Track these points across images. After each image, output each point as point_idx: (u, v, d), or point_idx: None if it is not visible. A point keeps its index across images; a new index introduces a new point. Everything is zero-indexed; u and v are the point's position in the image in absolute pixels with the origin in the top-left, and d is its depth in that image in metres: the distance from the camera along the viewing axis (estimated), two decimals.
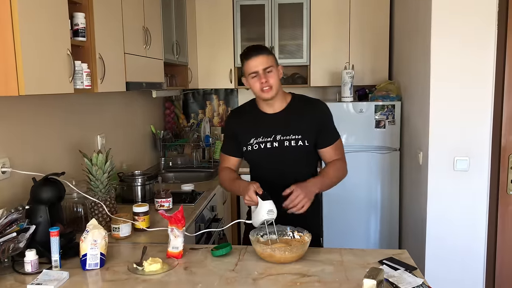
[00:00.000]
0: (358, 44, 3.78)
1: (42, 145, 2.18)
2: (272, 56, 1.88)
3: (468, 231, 2.73)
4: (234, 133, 1.99)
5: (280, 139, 1.88)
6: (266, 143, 1.89)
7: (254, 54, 1.83)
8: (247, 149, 1.93)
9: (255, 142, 1.91)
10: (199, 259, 1.69)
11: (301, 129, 1.88)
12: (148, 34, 2.68)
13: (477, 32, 2.57)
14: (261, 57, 1.83)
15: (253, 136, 1.92)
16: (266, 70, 1.83)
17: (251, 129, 1.94)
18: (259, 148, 1.90)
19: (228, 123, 2.06)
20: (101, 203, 1.99)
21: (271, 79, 1.83)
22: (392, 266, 1.58)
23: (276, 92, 1.86)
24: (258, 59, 1.82)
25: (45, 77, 1.63)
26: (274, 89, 1.84)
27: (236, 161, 2.02)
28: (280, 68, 1.90)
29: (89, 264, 1.59)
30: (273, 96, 1.86)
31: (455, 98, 2.65)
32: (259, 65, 1.82)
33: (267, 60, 1.83)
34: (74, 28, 1.90)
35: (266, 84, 1.82)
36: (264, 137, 1.90)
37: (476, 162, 2.67)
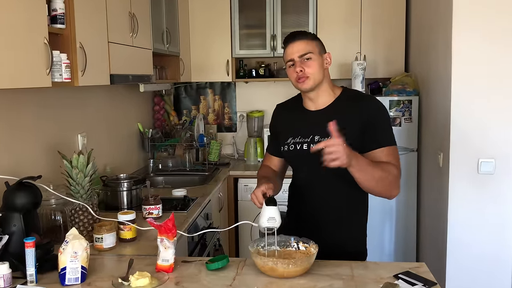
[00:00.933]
0: (370, 32, 3.78)
1: (16, 145, 2.18)
2: (315, 42, 1.82)
3: (494, 241, 2.73)
4: (275, 130, 2.02)
5: (318, 140, 1.78)
6: (303, 144, 1.84)
7: (291, 39, 1.81)
8: (283, 149, 1.91)
9: (292, 142, 1.87)
10: (192, 273, 1.68)
11: (347, 130, 1.70)
12: (134, 21, 2.68)
13: (504, 24, 2.58)
14: (298, 43, 1.79)
15: (291, 135, 1.89)
16: (304, 57, 1.78)
17: (290, 127, 1.92)
18: (295, 149, 1.86)
19: (271, 119, 2.06)
20: (85, 205, 1.98)
21: (308, 68, 1.77)
22: (409, 281, 1.58)
23: (316, 83, 1.80)
24: (295, 45, 1.79)
25: (19, 69, 1.63)
26: (311, 79, 1.78)
27: (277, 161, 2.02)
28: (327, 56, 1.84)
29: (69, 279, 1.59)
30: (311, 87, 1.80)
31: (479, 93, 2.65)
32: (295, 52, 1.79)
33: (306, 46, 1.78)
34: (52, 14, 1.90)
35: (301, 74, 1.77)
36: (301, 137, 1.85)
37: (502, 164, 2.67)
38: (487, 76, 2.63)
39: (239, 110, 4.35)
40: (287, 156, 1.94)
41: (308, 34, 1.84)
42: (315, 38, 1.84)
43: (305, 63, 1.78)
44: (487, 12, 2.59)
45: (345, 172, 1.65)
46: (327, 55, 1.85)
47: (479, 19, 2.60)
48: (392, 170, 1.73)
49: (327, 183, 1.83)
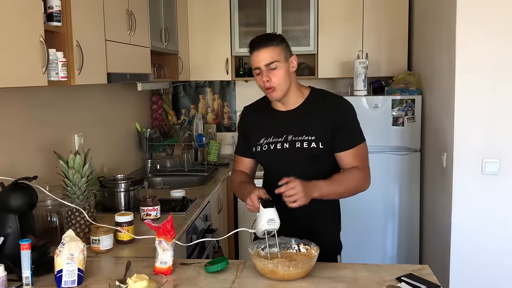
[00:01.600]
0: (373, 30, 3.78)
1: (11, 145, 2.18)
2: (281, 47, 1.83)
3: (499, 243, 2.73)
4: (245, 132, 2.04)
5: (292, 139, 1.87)
6: (277, 143, 1.89)
7: (257, 46, 1.82)
8: (256, 150, 1.96)
9: (265, 143, 1.92)
10: (191, 276, 1.68)
11: (315, 129, 1.86)
12: (132, 19, 2.68)
13: (509, 17, 2.58)
14: (263, 50, 1.80)
15: (263, 136, 1.93)
16: (270, 67, 1.80)
17: (262, 128, 1.96)
18: (269, 149, 1.90)
19: (240, 121, 2.11)
20: (80, 209, 1.99)
21: (274, 77, 1.81)
22: (412, 283, 1.58)
23: (284, 92, 1.85)
24: (260, 53, 1.80)
25: (14, 67, 1.63)
26: (279, 90, 1.83)
27: (249, 162, 2.05)
28: (292, 59, 1.87)
29: (65, 282, 1.59)
30: (280, 96, 1.86)
31: (483, 92, 2.65)
32: (261, 60, 1.81)
33: (272, 54, 1.80)
34: (48, 12, 1.90)
35: (268, 84, 1.82)
36: (274, 137, 1.90)
37: (507, 164, 2.67)
38: (492, 74, 2.63)
39: (238, 109, 4.35)
40: (260, 156, 1.97)
41: (274, 39, 1.84)
42: (281, 42, 1.84)
43: (271, 72, 1.81)
44: (491, 4, 2.58)
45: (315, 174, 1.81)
46: (293, 59, 1.87)
47: (483, 12, 2.60)
48: (358, 174, 1.86)
49: None
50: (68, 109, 2.69)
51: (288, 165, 1.87)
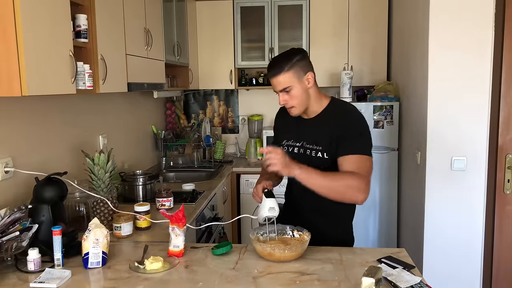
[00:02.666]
0: (357, 46, 3.78)
1: (45, 145, 2.18)
2: (291, 71, 1.69)
3: (465, 230, 2.73)
4: (276, 128, 2.01)
5: (306, 146, 1.80)
6: (294, 147, 1.84)
7: (271, 74, 1.73)
8: None
9: (286, 144, 1.87)
10: (200, 258, 1.68)
11: (323, 140, 1.75)
12: (149, 36, 2.67)
13: (475, 36, 2.58)
14: (276, 78, 1.71)
15: (285, 138, 1.89)
16: (285, 90, 1.72)
17: (286, 130, 1.91)
18: (287, 150, 1.84)
19: (276, 119, 2.02)
20: (105, 199, 1.98)
21: (291, 100, 1.73)
22: (391, 264, 1.58)
23: (302, 109, 1.77)
24: (273, 80, 1.72)
25: (47, 78, 1.63)
26: (297, 108, 1.76)
27: None
28: (308, 76, 1.73)
29: (91, 263, 1.59)
30: (299, 113, 1.79)
31: (452, 99, 2.65)
32: (276, 86, 1.73)
33: (283, 80, 1.70)
34: (76, 30, 1.90)
35: (287, 105, 1.76)
36: (294, 141, 1.85)
37: (473, 161, 2.67)
38: (460, 84, 2.63)
39: (241, 114, 4.34)
40: None
41: (284, 65, 1.69)
42: (292, 66, 1.69)
43: (287, 95, 1.73)
44: (460, 23, 2.58)
45: None
46: (308, 75, 1.73)
47: (453, 30, 2.60)
48: (348, 179, 1.64)
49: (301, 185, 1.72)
50: (94, 114, 2.69)
51: None
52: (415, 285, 1.42)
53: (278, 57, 1.76)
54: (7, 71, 1.48)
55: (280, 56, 1.76)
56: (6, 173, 1.88)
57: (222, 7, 3.89)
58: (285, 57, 1.73)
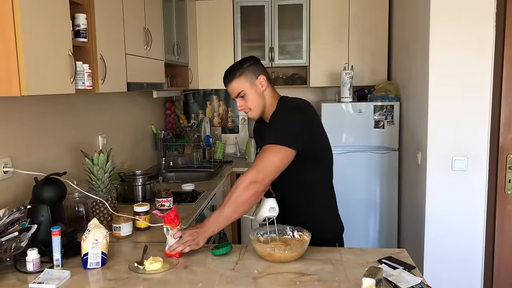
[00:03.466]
0: (357, 45, 3.78)
1: (44, 145, 2.18)
2: (243, 77, 1.76)
3: (466, 230, 2.73)
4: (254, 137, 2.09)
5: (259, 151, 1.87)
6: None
7: (225, 82, 1.81)
8: None
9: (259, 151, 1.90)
10: (200, 258, 1.68)
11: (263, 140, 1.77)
12: (148, 35, 2.68)
13: (475, 35, 2.58)
14: (230, 86, 1.79)
15: (259, 145, 1.97)
16: (240, 95, 1.79)
17: (260, 137, 1.97)
18: None
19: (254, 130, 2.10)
20: (103, 201, 1.99)
21: (247, 103, 1.80)
22: (391, 265, 1.58)
23: (260, 110, 1.82)
24: (229, 88, 1.81)
25: (46, 77, 1.63)
26: (253, 111, 1.82)
27: None
28: (260, 80, 1.78)
29: (91, 263, 1.59)
30: (256, 116, 1.84)
31: (453, 99, 2.65)
32: (231, 92, 1.81)
33: (236, 86, 1.77)
34: (76, 29, 1.90)
35: (244, 109, 1.82)
36: (257, 147, 1.97)
37: (474, 162, 2.67)
38: (460, 83, 2.63)
39: (241, 114, 4.34)
40: None
41: (235, 71, 1.77)
42: (243, 71, 1.77)
43: (242, 100, 1.80)
44: (461, 22, 2.58)
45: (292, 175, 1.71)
46: (261, 78, 1.78)
47: (453, 31, 2.60)
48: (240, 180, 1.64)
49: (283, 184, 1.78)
50: (93, 114, 2.69)
51: None
52: (416, 286, 1.42)
53: (231, 66, 1.83)
54: (6, 71, 1.48)
55: (232, 65, 1.84)
56: (5, 173, 1.88)
57: (222, 7, 3.89)
58: (236, 65, 1.82)
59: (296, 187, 1.82)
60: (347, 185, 3.46)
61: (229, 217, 1.67)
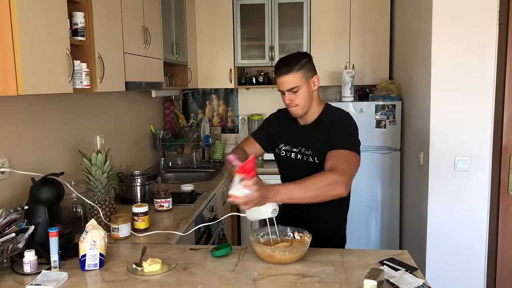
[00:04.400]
0: (358, 44, 3.78)
1: (41, 145, 2.18)
2: (301, 71, 1.76)
3: (469, 231, 2.73)
4: (271, 128, 2.01)
5: (302, 151, 1.86)
6: (292, 152, 1.90)
7: (280, 72, 1.78)
8: (276, 152, 1.97)
9: (283, 149, 1.93)
10: (199, 260, 1.68)
11: (314, 145, 1.82)
12: (147, 34, 2.68)
13: (478, 34, 2.58)
14: (286, 77, 1.76)
15: (283, 142, 1.94)
16: (293, 90, 1.77)
17: (283, 135, 1.95)
18: (285, 155, 1.92)
19: (272, 118, 2.06)
20: (97, 207, 1.98)
21: (297, 99, 1.78)
22: (393, 266, 1.58)
23: (304, 110, 1.82)
24: (283, 79, 1.77)
25: (44, 76, 1.63)
26: (300, 108, 1.81)
27: (258, 148, 2.02)
28: (314, 79, 1.81)
29: (88, 265, 1.59)
30: (300, 114, 1.84)
31: (456, 98, 2.65)
32: (284, 85, 1.78)
33: (293, 80, 1.76)
34: (73, 28, 1.90)
35: (291, 104, 1.80)
36: (291, 147, 1.91)
37: (477, 162, 2.67)
38: (463, 83, 2.63)
39: (240, 113, 4.34)
40: (278, 158, 1.97)
41: (294, 65, 1.76)
42: (302, 66, 1.76)
43: (293, 95, 1.78)
44: (462, 24, 2.59)
45: None
46: (315, 78, 1.81)
47: (456, 30, 2.60)
48: (324, 178, 1.61)
49: None
50: (91, 114, 2.69)
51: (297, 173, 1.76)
52: None
53: (287, 57, 1.81)
54: (3, 70, 1.48)
55: (288, 57, 1.82)
56: (2, 173, 1.88)
57: (222, 5, 3.89)
58: (294, 58, 1.79)
59: None
60: None
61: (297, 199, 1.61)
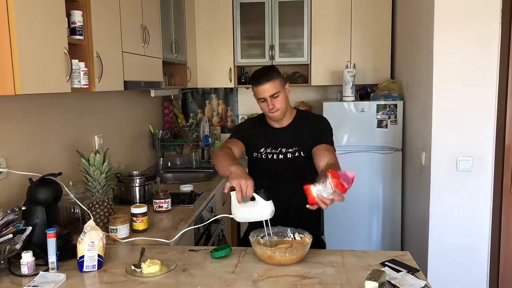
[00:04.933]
0: (359, 43, 3.78)
1: (39, 145, 2.18)
2: (279, 79, 1.97)
3: (471, 232, 2.73)
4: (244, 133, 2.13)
5: (284, 151, 2.03)
6: (274, 154, 2.04)
7: (261, 81, 1.94)
8: (256, 155, 2.07)
9: (264, 152, 2.05)
10: (198, 261, 1.68)
11: (300, 141, 2.01)
12: (146, 33, 2.68)
13: (480, 32, 2.58)
14: (267, 85, 1.93)
15: (263, 146, 2.06)
16: (274, 96, 1.94)
17: (261, 139, 2.08)
18: (267, 157, 2.05)
19: (244, 125, 2.30)
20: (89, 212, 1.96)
21: (278, 103, 1.96)
22: (394, 268, 1.58)
23: (284, 112, 2.01)
24: (265, 86, 1.93)
25: (41, 76, 1.63)
26: (281, 111, 1.99)
27: (241, 146, 2.08)
28: (286, 86, 2.01)
29: (87, 266, 1.59)
30: (281, 117, 2.01)
31: (458, 98, 2.65)
32: (266, 92, 1.94)
33: (274, 87, 1.94)
34: (71, 26, 1.90)
35: (274, 109, 1.97)
36: (272, 149, 2.05)
37: (479, 162, 2.67)
38: (465, 81, 2.63)
39: (240, 113, 4.35)
40: (258, 161, 2.07)
41: (273, 73, 1.96)
42: (278, 74, 1.97)
43: (274, 100, 1.96)
44: (466, 22, 2.58)
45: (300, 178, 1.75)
46: (287, 85, 2.02)
47: (458, 28, 2.60)
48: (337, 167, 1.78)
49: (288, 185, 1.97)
50: (89, 113, 2.69)
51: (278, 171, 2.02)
52: None
53: (262, 69, 2.02)
54: (0, 70, 1.48)
55: (263, 68, 2.03)
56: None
57: (221, 3, 3.89)
58: (270, 68, 2.01)
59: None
60: None
61: None
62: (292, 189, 1.87)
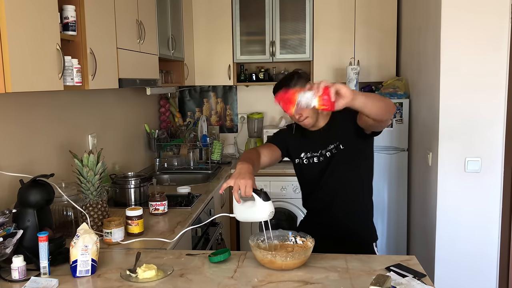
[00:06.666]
0: (363, 39, 3.78)
1: (30, 145, 2.18)
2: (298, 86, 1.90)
3: (480, 235, 2.73)
4: (284, 140, 2.15)
5: (323, 153, 2.04)
6: (314, 157, 2.06)
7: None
8: (298, 162, 2.11)
9: (305, 157, 2.08)
10: (196, 266, 1.69)
11: (337, 136, 2.01)
12: (142, 28, 2.68)
13: (490, 29, 2.58)
14: None
15: (303, 151, 2.09)
16: None
17: (301, 145, 2.11)
18: (309, 162, 2.07)
19: (281, 131, 2.25)
20: (86, 214, 1.97)
21: (304, 111, 1.94)
22: (400, 273, 1.58)
23: (314, 119, 2.00)
24: None
25: (33, 73, 1.63)
26: (310, 119, 1.98)
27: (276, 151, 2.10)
28: None
29: (80, 271, 1.59)
30: (311, 124, 2.01)
31: (466, 95, 2.65)
32: None
33: None
34: (64, 22, 1.90)
35: (302, 117, 1.97)
36: (312, 152, 2.07)
37: (488, 163, 2.67)
38: (473, 80, 2.63)
39: (240, 112, 4.35)
40: (301, 167, 2.11)
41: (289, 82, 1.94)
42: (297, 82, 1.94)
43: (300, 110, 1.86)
44: (474, 18, 2.59)
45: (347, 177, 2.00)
46: None
47: (466, 24, 2.60)
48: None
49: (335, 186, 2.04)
50: (83, 112, 2.69)
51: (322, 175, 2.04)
52: None
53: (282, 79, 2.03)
54: None
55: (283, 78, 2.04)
56: None
57: None
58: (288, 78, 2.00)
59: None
60: None
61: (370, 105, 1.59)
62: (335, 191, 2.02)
